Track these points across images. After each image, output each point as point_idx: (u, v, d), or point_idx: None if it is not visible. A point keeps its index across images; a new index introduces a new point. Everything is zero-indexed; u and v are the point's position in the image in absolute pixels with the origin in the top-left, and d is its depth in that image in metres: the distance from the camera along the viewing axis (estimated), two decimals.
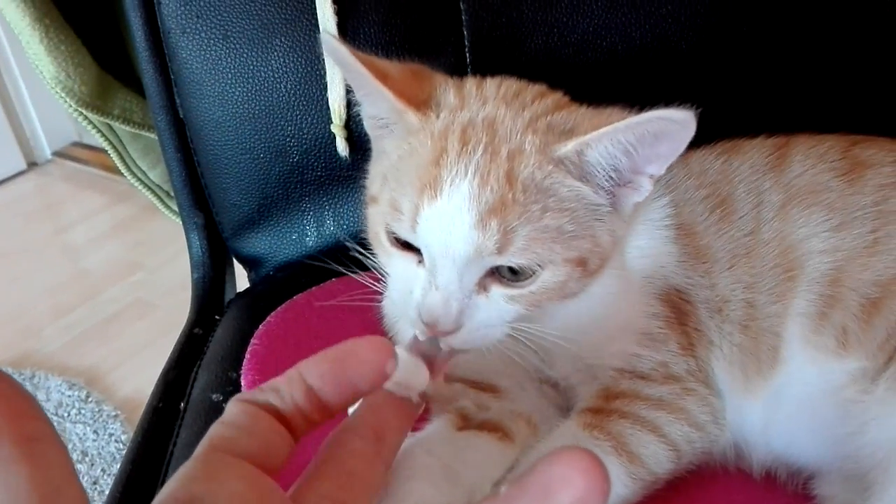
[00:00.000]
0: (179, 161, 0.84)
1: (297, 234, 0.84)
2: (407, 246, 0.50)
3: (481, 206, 0.46)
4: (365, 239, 0.57)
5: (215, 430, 0.33)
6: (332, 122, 0.77)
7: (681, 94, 0.75)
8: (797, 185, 0.59)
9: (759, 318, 0.57)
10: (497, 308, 0.50)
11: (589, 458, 0.29)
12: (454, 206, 0.46)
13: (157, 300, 2.03)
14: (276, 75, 0.77)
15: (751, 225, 0.59)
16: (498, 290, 0.49)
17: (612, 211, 0.52)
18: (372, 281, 0.59)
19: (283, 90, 0.77)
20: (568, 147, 0.48)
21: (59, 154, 2.83)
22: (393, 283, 0.53)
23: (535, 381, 0.60)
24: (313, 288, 0.76)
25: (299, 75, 0.77)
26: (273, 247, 0.85)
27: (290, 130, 0.79)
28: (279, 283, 0.82)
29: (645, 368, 0.56)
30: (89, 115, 0.92)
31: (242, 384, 0.65)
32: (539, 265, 0.48)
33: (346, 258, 0.63)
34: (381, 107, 0.53)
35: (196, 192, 0.85)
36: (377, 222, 0.52)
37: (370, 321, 0.70)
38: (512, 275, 0.49)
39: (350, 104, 0.75)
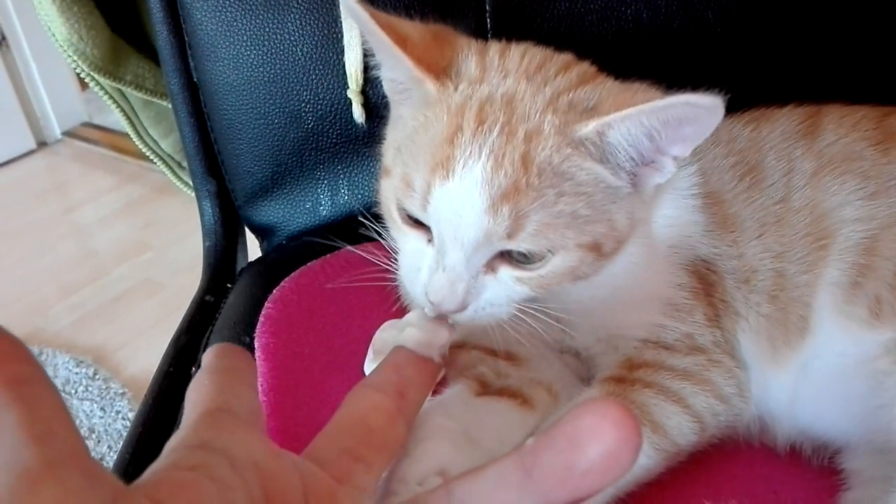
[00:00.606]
0: (192, 126, 0.82)
1: (310, 203, 0.82)
2: (418, 223, 0.49)
3: (493, 191, 0.44)
4: (378, 212, 0.56)
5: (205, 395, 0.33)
6: (348, 88, 0.75)
7: (705, 63, 0.74)
8: (830, 152, 0.57)
9: (789, 287, 0.56)
10: (505, 288, 0.48)
11: (620, 410, 0.27)
12: (465, 188, 0.44)
13: (166, 280, 2.03)
14: (292, 38, 0.74)
15: (781, 193, 0.57)
16: (507, 272, 0.48)
17: (631, 192, 0.49)
18: (387, 253, 0.58)
19: (299, 53, 0.75)
20: (589, 128, 0.45)
21: (68, 134, 2.83)
22: (402, 258, 0.51)
23: (555, 350, 0.59)
24: (328, 255, 0.75)
25: (316, 38, 0.75)
26: (286, 216, 0.83)
27: (306, 95, 0.77)
28: (292, 251, 0.80)
29: (670, 339, 0.55)
30: (101, 79, 0.90)
31: (256, 347, 0.63)
32: (550, 251, 0.47)
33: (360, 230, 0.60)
34: (399, 72, 0.51)
35: (209, 159, 0.83)
36: (389, 197, 0.51)
37: (384, 289, 0.70)
38: (522, 257, 0.47)
39: (367, 69, 0.73)
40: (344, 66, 0.74)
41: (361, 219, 0.56)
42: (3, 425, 0.22)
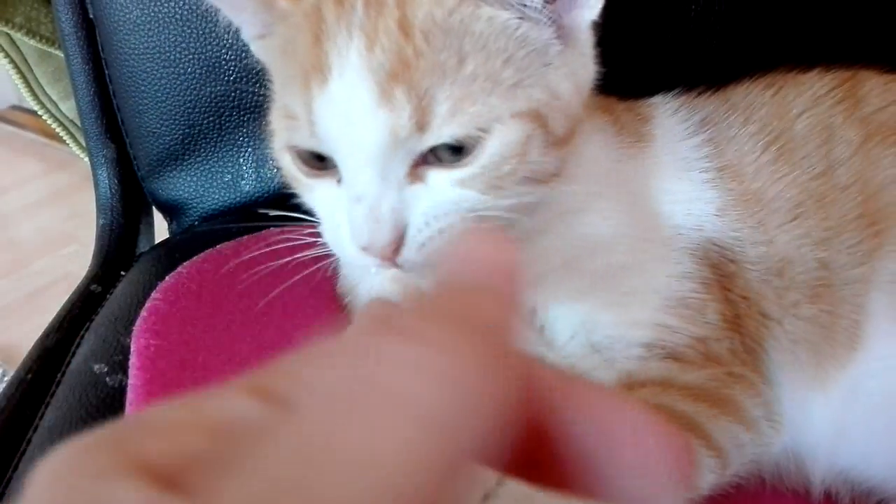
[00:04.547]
0: (87, 75, 0.71)
1: (230, 175, 0.73)
2: (320, 167, 0.43)
3: (378, 73, 0.38)
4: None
5: None
6: None
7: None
8: (878, 120, 0.52)
9: (836, 283, 0.49)
10: (443, 196, 0.40)
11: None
12: (347, 83, 0.39)
13: None
14: None
15: (820, 166, 0.51)
16: (438, 175, 0.40)
17: (564, 49, 0.43)
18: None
19: None
20: None
21: None
22: (323, 224, 0.44)
23: None
24: (245, 237, 0.62)
25: None
26: (200, 190, 0.73)
27: (227, 40, 0.68)
28: (204, 233, 0.69)
29: (678, 345, 0.48)
30: None
31: (132, 351, 0.49)
32: (481, 130, 0.39)
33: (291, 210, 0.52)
34: (249, 15, 0.45)
35: (107, 117, 0.73)
36: (281, 153, 0.45)
37: (315, 278, 0.58)
38: (453, 155, 0.40)
39: None
40: None
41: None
42: None
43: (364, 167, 0.39)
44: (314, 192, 0.43)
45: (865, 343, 0.48)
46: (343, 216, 0.41)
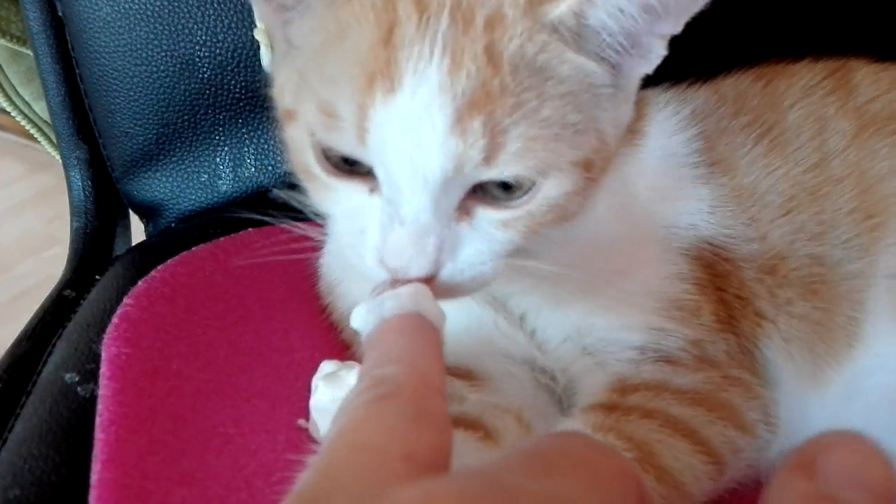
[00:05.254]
0: (57, 74, 0.70)
1: (207, 176, 0.71)
2: (350, 170, 0.39)
3: (458, 100, 0.35)
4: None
5: None
6: (255, 27, 0.67)
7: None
8: (872, 110, 0.52)
9: (833, 280, 0.49)
10: (487, 238, 0.39)
11: None
12: (420, 102, 0.35)
13: None
14: None
15: (813, 157, 0.51)
16: (486, 214, 0.39)
17: (614, 91, 0.41)
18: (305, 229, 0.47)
19: None
20: (562, 7, 0.38)
21: None
22: (337, 225, 0.42)
23: (525, 367, 0.49)
24: (222, 238, 0.61)
25: None
26: (175, 191, 0.72)
27: (200, 36, 0.67)
28: (180, 235, 0.67)
29: (672, 348, 0.47)
30: None
31: (102, 359, 0.47)
32: (540, 174, 0.38)
33: (271, 209, 0.52)
34: None
35: (78, 117, 0.71)
36: (302, 144, 0.40)
37: (295, 280, 0.57)
38: (503, 192, 0.38)
39: None
40: None
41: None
42: None
43: (419, 193, 0.37)
44: (333, 193, 0.41)
45: (863, 340, 0.48)
46: (373, 227, 0.38)
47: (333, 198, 0.40)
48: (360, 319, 0.34)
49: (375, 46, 0.36)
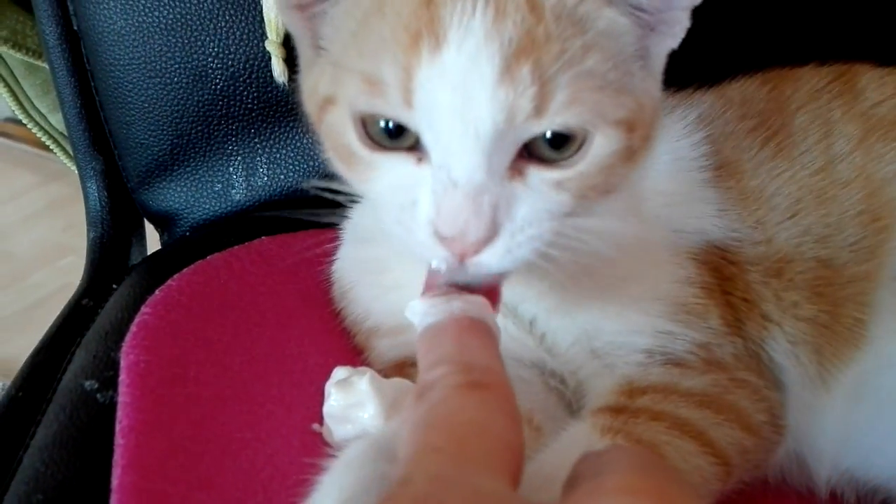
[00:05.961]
0: (73, 87, 0.71)
1: (220, 185, 0.73)
2: (392, 146, 0.38)
3: (505, 49, 0.35)
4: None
5: None
6: (266, 38, 0.67)
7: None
8: (878, 114, 0.52)
9: (839, 282, 0.49)
10: (542, 198, 0.38)
11: None
12: (467, 54, 0.35)
13: None
14: None
15: (819, 161, 0.51)
16: (539, 174, 0.38)
17: (643, 65, 0.42)
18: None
19: None
20: None
21: None
22: (383, 203, 0.40)
23: (535, 370, 0.49)
24: (236, 247, 0.61)
25: None
26: (190, 200, 0.73)
27: (213, 48, 0.68)
28: (195, 243, 0.67)
29: (680, 351, 0.47)
30: None
31: (121, 367, 0.48)
32: (591, 127, 0.37)
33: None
34: None
35: (94, 129, 0.73)
36: (343, 126, 0.39)
37: (308, 287, 0.58)
38: (554, 151, 0.38)
39: None
40: (261, 9, 0.67)
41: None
42: None
43: (471, 150, 0.36)
44: (377, 172, 0.39)
45: (870, 341, 0.48)
46: (424, 196, 0.37)
47: (377, 176, 0.39)
48: (418, 313, 0.35)
49: (418, 9, 0.36)
